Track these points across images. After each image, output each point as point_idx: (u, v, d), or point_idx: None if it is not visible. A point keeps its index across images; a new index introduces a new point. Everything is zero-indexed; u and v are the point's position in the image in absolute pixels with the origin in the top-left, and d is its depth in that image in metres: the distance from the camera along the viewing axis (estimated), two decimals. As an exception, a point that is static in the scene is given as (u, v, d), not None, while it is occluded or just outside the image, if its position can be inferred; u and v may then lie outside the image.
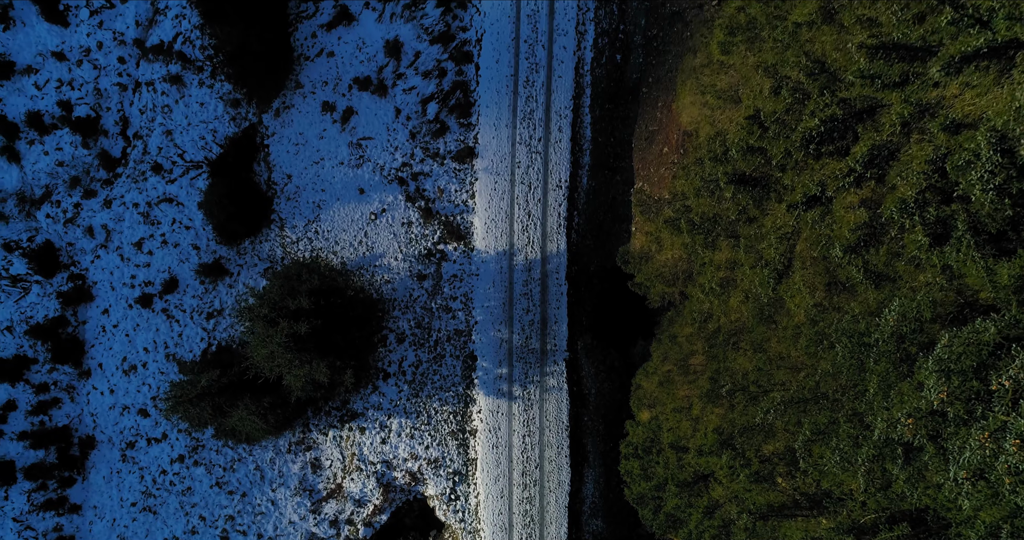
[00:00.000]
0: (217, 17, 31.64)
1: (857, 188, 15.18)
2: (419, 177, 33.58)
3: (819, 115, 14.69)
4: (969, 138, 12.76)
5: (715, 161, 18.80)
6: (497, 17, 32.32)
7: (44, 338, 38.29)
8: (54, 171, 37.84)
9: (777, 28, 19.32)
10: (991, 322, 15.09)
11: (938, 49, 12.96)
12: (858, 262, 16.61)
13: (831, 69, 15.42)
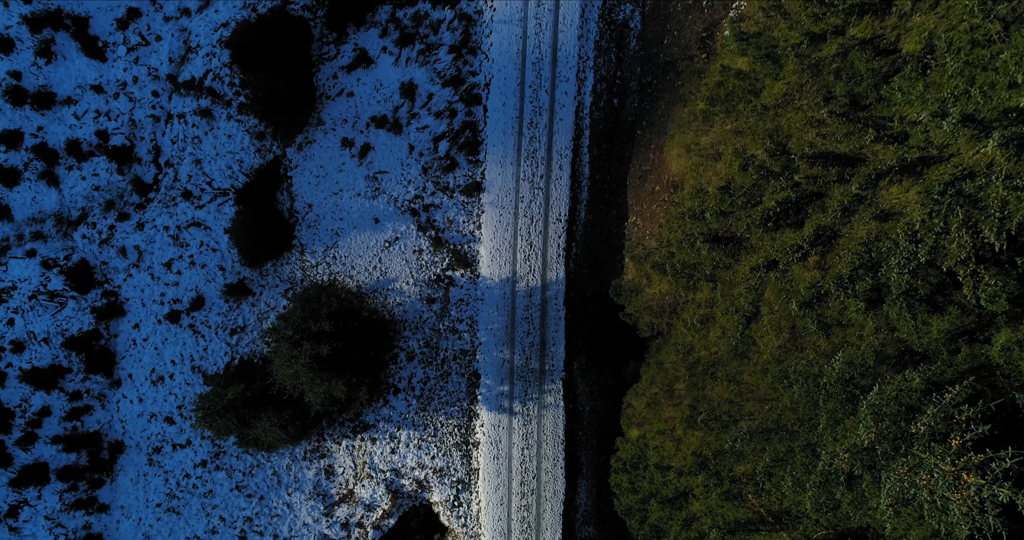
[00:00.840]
0: (250, 66, 34.51)
1: (804, 261, 17.90)
2: (430, 208, 36.39)
3: (776, 197, 17.37)
4: (892, 228, 15.44)
5: (694, 219, 21.49)
6: (504, 63, 35.09)
7: (78, 349, 41.17)
8: (90, 195, 40.71)
9: (750, 104, 22.06)
10: (917, 373, 17.82)
11: (866, 159, 15.67)
12: (812, 315, 19.32)
13: (790, 152, 18.12)
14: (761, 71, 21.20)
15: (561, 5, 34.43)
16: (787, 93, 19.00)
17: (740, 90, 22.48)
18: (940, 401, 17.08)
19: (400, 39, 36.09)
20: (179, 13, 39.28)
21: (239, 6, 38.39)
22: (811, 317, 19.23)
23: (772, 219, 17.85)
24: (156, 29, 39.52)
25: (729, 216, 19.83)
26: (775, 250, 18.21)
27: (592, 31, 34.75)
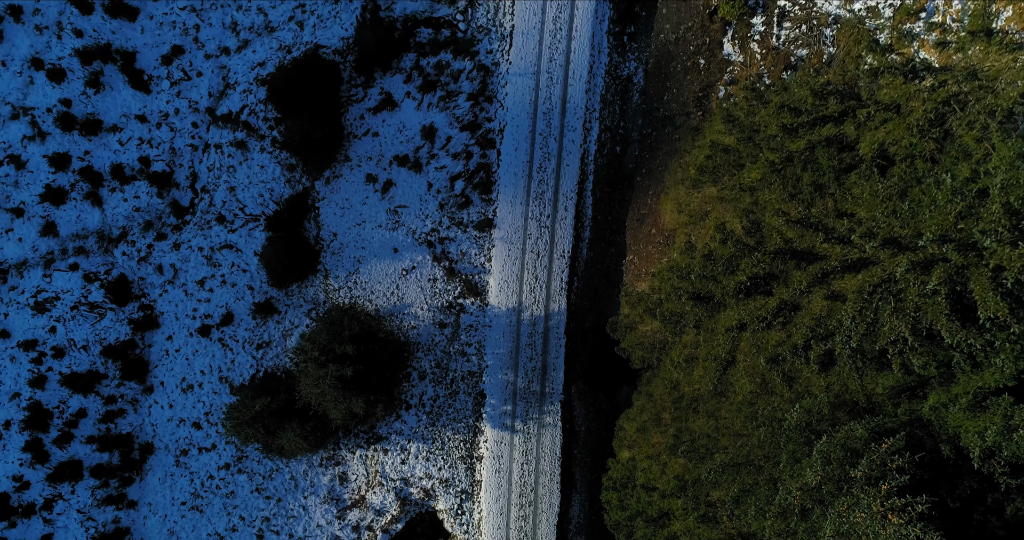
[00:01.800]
0: (286, 108, 37.80)
1: (768, 329, 21.09)
2: (445, 241, 39.68)
3: (748, 272, 20.57)
4: (839, 308, 18.66)
5: (681, 278, 24.69)
6: (517, 112, 38.34)
7: (115, 357, 44.55)
8: (131, 215, 44.05)
9: (734, 176, 25.28)
10: (861, 424, 21.06)
11: (819, 255, 18.90)
12: (778, 369, 22.54)
13: (763, 230, 21.30)
14: (743, 151, 24.39)
15: (571, 61, 37.67)
16: (762, 178, 22.17)
17: (726, 164, 25.68)
18: (877, 450, 20.32)
19: (423, 85, 39.37)
20: (219, 51, 42.57)
21: (275, 47, 41.69)
22: (776, 371, 22.44)
23: (744, 291, 21.05)
24: (197, 65, 42.82)
25: (710, 280, 23.03)
26: (746, 315, 21.42)
27: (599, 86, 38.00)
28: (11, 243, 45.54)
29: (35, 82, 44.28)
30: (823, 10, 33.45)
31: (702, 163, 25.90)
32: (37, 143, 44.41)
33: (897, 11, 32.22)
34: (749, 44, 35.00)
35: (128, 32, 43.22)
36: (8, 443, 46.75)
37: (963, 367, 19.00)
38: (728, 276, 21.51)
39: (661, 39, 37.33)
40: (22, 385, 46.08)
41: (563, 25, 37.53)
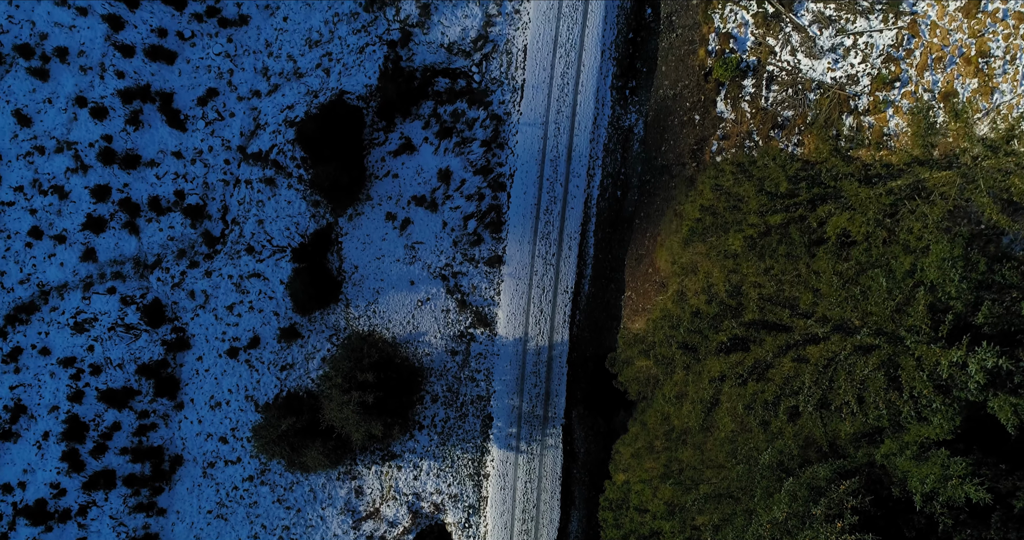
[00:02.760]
0: (315, 154, 41.10)
1: (744, 384, 24.25)
2: (458, 275, 42.95)
3: (728, 333, 23.73)
4: (803, 369, 21.79)
5: (672, 328, 27.87)
6: (527, 159, 41.58)
7: (148, 375, 47.90)
8: (166, 244, 47.40)
9: (722, 238, 28.49)
10: (824, 466, 24.25)
11: (789, 328, 22.10)
12: (754, 415, 25.72)
13: (743, 294, 24.45)
14: (729, 218, 27.59)
15: (577, 112, 40.90)
16: (744, 247, 25.33)
17: (714, 226, 28.86)
18: (836, 490, 23.52)
19: (440, 131, 42.62)
20: (251, 94, 45.87)
21: (303, 92, 44.99)
22: (753, 416, 25.61)
23: (724, 350, 24.20)
24: (230, 107, 46.13)
25: (697, 333, 26.19)
26: (727, 368, 24.57)
27: (602, 136, 41.22)
28: (53, 267, 48.91)
29: (78, 118, 47.62)
30: (807, 76, 36.65)
31: (692, 225, 29.11)
32: (79, 175, 47.76)
33: (874, 80, 35.42)
34: (740, 103, 38.21)
35: (166, 74, 46.55)
36: (47, 453, 50.13)
37: (911, 420, 22.18)
38: (712, 332, 24.70)
39: (660, 94, 40.53)
40: (61, 399, 49.45)
41: (570, 80, 40.75)
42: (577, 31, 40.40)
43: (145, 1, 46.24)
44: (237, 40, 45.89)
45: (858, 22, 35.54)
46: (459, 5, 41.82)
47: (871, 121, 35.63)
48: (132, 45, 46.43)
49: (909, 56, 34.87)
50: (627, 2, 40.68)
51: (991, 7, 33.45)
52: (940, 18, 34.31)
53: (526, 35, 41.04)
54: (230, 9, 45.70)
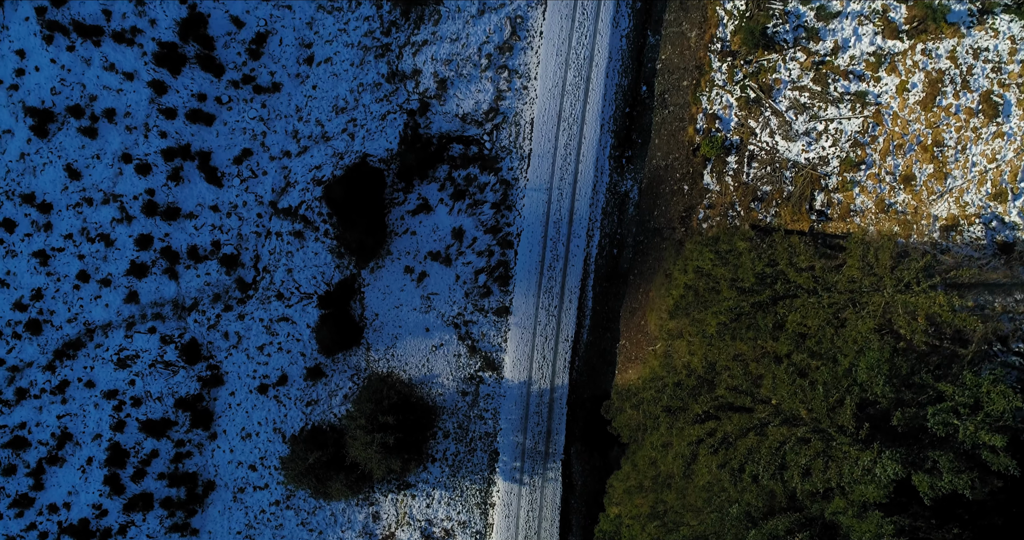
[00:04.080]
0: (343, 216, 45.60)
1: (715, 452, 28.53)
2: (468, 324, 47.36)
3: (702, 407, 27.95)
4: (762, 443, 25.97)
5: (657, 392, 32.13)
6: (532, 220, 45.97)
7: (185, 408, 52.47)
8: (202, 289, 51.98)
9: (702, 313, 32.82)
10: (783, 519, 28.55)
11: (751, 409, 26.36)
12: (725, 472, 29.99)
13: (718, 373, 28.66)
14: (708, 298, 31.88)
15: (578, 179, 45.29)
16: (718, 330, 29.55)
17: (695, 302, 33.19)
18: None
19: (454, 194, 47.07)
20: (282, 154, 50.42)
21: (329, 154, 49.52)
22: (724, 473, 29.89)
23: (699, 420, 28.38)
24: (263, 165, 50.70)
25: (678, 400, 30.43)
26: (703, 434, 28.81)
27: (600, 200, 45.61)
28: (99, 308, 53.52)
29: (124, 173, 52.24)
30: (784, 156, 40.99)
31: (677, 300, 33.46)
32: (124, 225, 52.38)
33: (843, 162, 39.78)
34: (724, 177, 42.55)
35: (205, 135, 51.13)
36: (90, 477, 54.75)
37: (850, 486, 26.48)
38: (692, 400, 29.07)
39: (653, 164, 44.89)
40: (104, 428, 54.07)
41: (572, 150, 45.15)
42: (579, 106, 44.80)
43: (186, 68, 50.82)
44: (270, 105, 50.45)
45: (829, 110, 39.85)
46: (472, 81, 46.28)
47: (840, 198, 39.92)
48: (174, 108, 51.01)
49: (874, 142, 39.17)
50: (624, 80, 45.07)
51: (945, 102, 37.76)
52: (901, 110, 38.62)
53: (533, 109, 45.47)
54: (264, 77, 50.28)
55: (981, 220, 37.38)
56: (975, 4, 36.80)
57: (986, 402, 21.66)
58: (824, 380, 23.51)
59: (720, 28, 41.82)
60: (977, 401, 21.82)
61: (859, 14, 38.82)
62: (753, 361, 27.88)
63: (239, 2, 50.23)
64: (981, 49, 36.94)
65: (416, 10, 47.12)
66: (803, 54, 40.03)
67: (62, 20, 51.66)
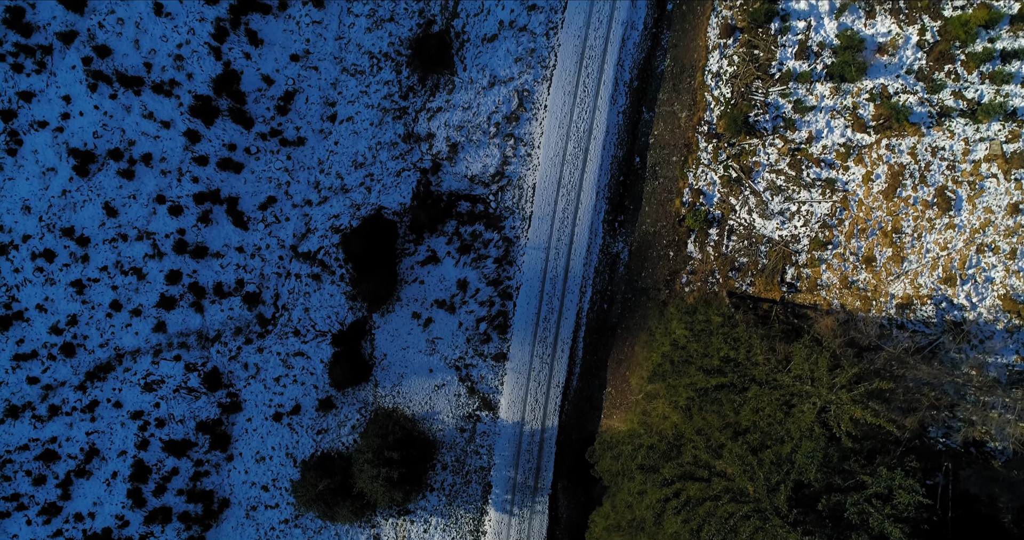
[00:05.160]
0: (358, 264, 49.98)
1: (678, 514, 32.73)
2: (469, 367, 51.68)
3: (669, 472, 32.12)
4: (717, 509, 30.17)
5: (633, 449, 36.33)
6: (531, 276, 50.27)
7: (205, 431, 56.95)
8: (225, 322, 56.42)
9: (677, 380, 37.05)
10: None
11: (709, 480, 30.53)
12: (686, 529, 34.22)
13: (684, 443, 32.79)
14: (682, 369, 36.08)
15: (574, 240, 49.54)
16: (687, 403, 33.74)
17: (672, 372, 37.44)
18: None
19: (460, 248, 51.40)
20: (304, 203, 54.82)
21: (348, 204, 53.89)
22: (686, 531, 34.11)
23: (667, 483, 32.54)
24: (286, 212, 55.11)
25: (651, 461, 34.64)
26: (669, 493, 32.99)
27: (593, 260, 49.88)
28: (129, 335, 58.01)
29: (157, 213, 56.72)
30: (760, 232, 45.21)
31: (655, 368, 37.74)
32: (156, 260, 56.86)
33: (812, 241, 43.99)
34: (706, 247, 46.78)
35: (234, 182, 55.59)
36: (114, 490, 59.26)
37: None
38: (662, 462, 33.33)
39: (643, 230, 49.12)
40: (129, 446, 58.57)
41: (570, 213, 49.42)
42: (577, 174, 49.08)
43: (219, 119, 55.28)
44: (295, 157, 54.88)
45: (802, 193, 44.05)
46: (481, 146, 50.61)
47: (808, 273, 44.11)
48: (206, 155, 55.47)
49: (840, 225, 43.36)
50: (620, 152, 49.33)
51: (904, 194, 41.94)
52: (866, 197, 42.80)
53: (535, 175, 49.77)
54: (290, 131, 54.69)
55: (933, 301, 41.54)
56: (934, 108, 40.98)
57: (896, 494, 25.68)
58: (770, 460, 27.63)
59: (708, 112, 46.05)
60: (890, 491, 25.84)
61: (832, 109, 43.01)
62: (718, 431, 32.04)
63: (270, 62, 54.66)
64: (938, 148, 41.11)
65: (432, 78, 51.48)
66: (781, 141, 44.23)
67: (106, 70, 56.15)
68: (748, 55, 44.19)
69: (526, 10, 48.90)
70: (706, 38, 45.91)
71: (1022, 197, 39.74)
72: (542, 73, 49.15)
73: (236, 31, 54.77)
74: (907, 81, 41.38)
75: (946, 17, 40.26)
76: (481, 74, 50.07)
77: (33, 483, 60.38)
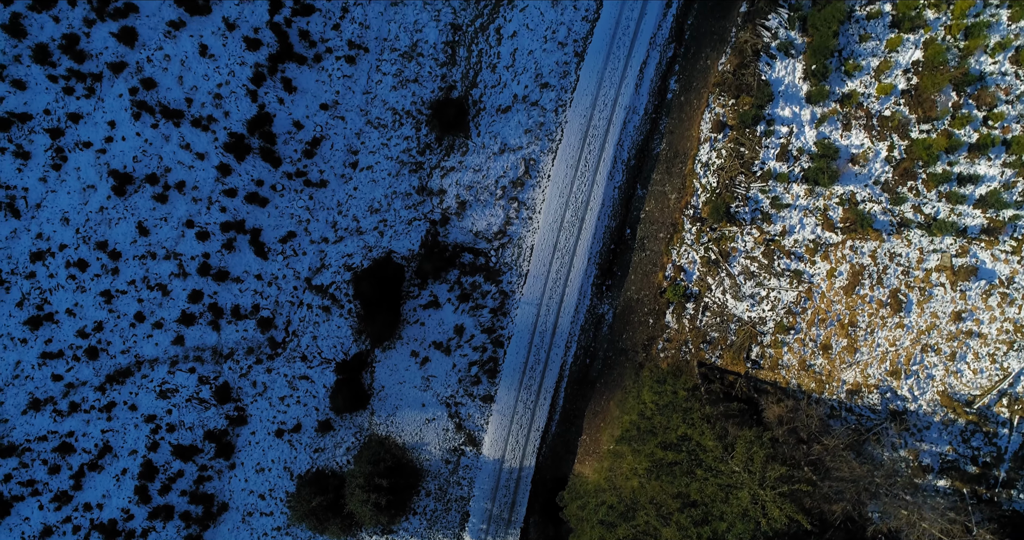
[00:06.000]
0: (369, 315, 54.68)
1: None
2: (458, 405, 56.43)
3: (623, 533, 36.73)
4: None
5: (597, 505, 40.97)
6: (522, 329, 54.93)
7: (211, 439, 61.86)
8: (239, 342, 61.25)
9: (642, 446, 41.70)
10: (670, 625, 37.51)
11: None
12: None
13: (639, 508, 37.41)
14: (646, 439, 40.71)
15: (564, 300, 54.17)
16: (645, 472, 38.38)
17: (638, 438, 42.08)
18: None
19: (460, 296, 56.08)
20: (320, 240, 59.56)
21: (361, 245, 58.58)
22: (634, 580, 38.86)
23: None
24: (303, 247, 59.85)
25: (610, 517, 39.31)
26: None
27: (580, 319, 54.51)
28: (149, 345, 62.92)
29: (185, 236, 61.51)
30: (731, 311, 49.77)
31: (622, 434, 42.42)
32: (180, 279, 61.68)
33: (777, 325, 48.54)
34: (682, 319, 51.36)
35: (258, 214, 60.32)
36: (122, 485, 64.29)
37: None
38: (620, 521, 38.04)
39: (627, 296, 53.72)
40: (140, 446, 63.54)
41: (562, 275, 54.03)
42: (572, 240, 53.67)
43: (250, 156, 59.97)
44: (316, 198, 59.58)
45: (772, 281, 48.58)
46: (487, 206, 55.22)
47: (771, 352, 48.69)
48: (235, 188, 60.18)
49: (803, 313, 47.90)
50: (613, 223, 53.88)
51: (862, 292, 46.44)
52: (828, 291, 47.32)
53: (535, 237, 54.38)
54: (314, 174, 59.38)
55: (879, 390, 46.12)
56: (896, 218, 45.45)
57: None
58: (707, 536, 32.17)
59: (695, 197, 50.58)
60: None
61: (805, 208, 47.49)
62: (671, 498, 36.63)
63: (301, 108, 59.32)
64: (896, 254, 45.59)
65: (448, 139, 56.08)
66: (757, 232, 48.75)
67: (150, 101, 60.87)
68: (735, 151, 48.67)
69: (539, 87, 53.42)
70: (699, 130, 50.40)
71: (964, 307, 44.22)
72: (548, 145, 53.69)
73: (273, 77, 59.39)
74: (874, 191, 45.84)
75: (913, 138, 44.67)
76: (493, 141, 54.64)
77: (49, 472, 65.43)
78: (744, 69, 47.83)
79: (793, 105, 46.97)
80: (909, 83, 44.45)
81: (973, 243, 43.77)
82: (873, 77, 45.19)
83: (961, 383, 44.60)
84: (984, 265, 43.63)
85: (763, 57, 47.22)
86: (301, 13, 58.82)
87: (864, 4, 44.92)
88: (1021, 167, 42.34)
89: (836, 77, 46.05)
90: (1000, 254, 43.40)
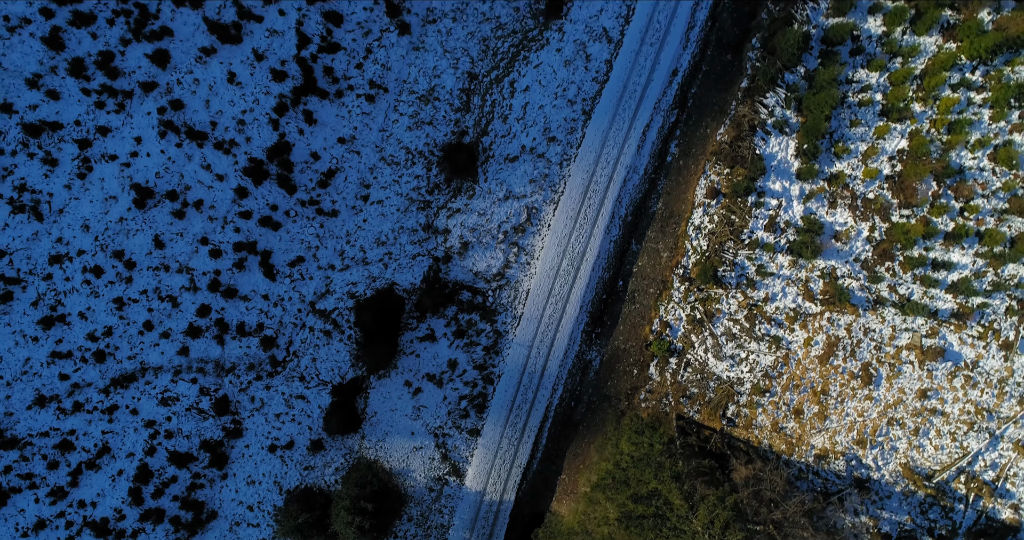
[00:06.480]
0: (369, 345, 57.30)
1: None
2: (445, 436, 58.88)
3: (584, 580, 39.18)
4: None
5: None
6: (512, 368, 57.43)
7: (207, 449, 64.37)
8: (241, 357, 63.86)
9: (618, 494, 44.08)
10: None
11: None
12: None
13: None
14: (620, 489, 43.10)
15: (554, 345, 56.70)
16: (618, 520, 40.69)
17: (613, 486, 44.45)
18: None
19: (456, 332, 58.65)
20: (327, 267, 62.25)
21: (366, 275, 61.24)
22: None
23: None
24: (311, 273, 62.54)
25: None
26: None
27: (568, 364, 57.01)
28: (155, 353, 65.59)
29: (199, 252, 64.26)
30: (711, 369, 52.23)
31: (598, 481, 44.80)
32: (190, 293, 64.39)
33: (753, 386, 50.97)
34: (665, 372, 53.82)
35: (270, 238, 63.06)
36: (117, 485, 66.80)
37: None
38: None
39: (615, 345, 56.21)
40: (138, 449, 66.09)
41: (554, 322, 56.58)
42: (566, 288, 56.25)
43: (266, 182, 62.78)
44: (327, 226, 62.32)
45: (752, 344, 51.05)
46: (488, 248, 57.89)
47: (747, 412, 51.09)
48: (250, 211, 62.96)
49: (779, 377, 50.33)
50: (606, 274, 56.47)
51: (836, 362, 48.88)
52: (804, 358, 49.77)
53: (531, 282, 56.98)
54: (326, 204, 62.14)
55: (845, 457, 48.45)
56: (872, 295, 47.93)
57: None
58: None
59: (685, 257, 53.15)
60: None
61: (788, 278, 50.02)
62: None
63: (320, 140, 62.16)
64: (870, 329, 48.04)
65: (456, 181, 58.82)
66: (741, 296, 51.27)
67: (176, 121, 63.79)
68: (726, 218, 51.27)
69: (546, 140, 56.17)
70: (694, 194, 53.04)
71: (931, 385, 46.61)
72: (551, 196, 56.38)
73: (295, 108, 62.28)
74: (853, 268, 48.36)
75: (893, 222, 47.22)
76: (499, 187, 57.35)
77: (48, 467, 67.98)
78: (740, 141, 50.50)
79: (784, 180, 49.58)
80: (893, 169, 47.04)
81: (943, 326, 46.20)
82: (860, 161, 47.79)
83: (923, 457, 46.93)
84: (952, 347, 46.05)
85: (759, 132, 49.89)
86: (327, 50, 61.74)
87: (857, 92, 47.58)
88: (992, 258, 44.82)
89: (826, 157, 48.67)
90: (968, 338, 45.81)
